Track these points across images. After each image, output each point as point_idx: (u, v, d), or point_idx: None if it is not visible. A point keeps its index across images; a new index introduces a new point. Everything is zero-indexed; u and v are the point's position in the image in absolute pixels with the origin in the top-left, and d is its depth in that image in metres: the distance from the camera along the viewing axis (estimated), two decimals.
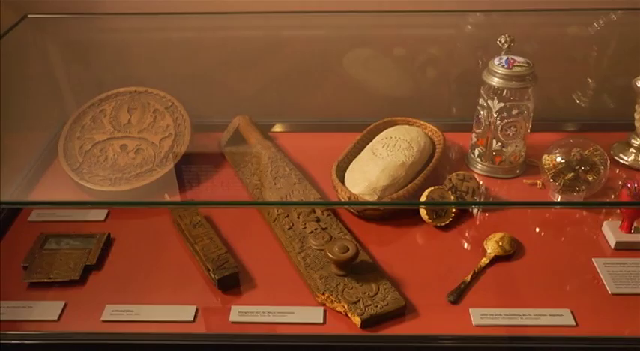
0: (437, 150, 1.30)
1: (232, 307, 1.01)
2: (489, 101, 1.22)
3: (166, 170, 1.23)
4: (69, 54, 1.47)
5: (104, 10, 1.40)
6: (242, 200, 1.24)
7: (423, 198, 1.16)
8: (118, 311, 1.01)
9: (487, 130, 1.25)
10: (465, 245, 1.14)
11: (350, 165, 1.24)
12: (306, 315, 1.00)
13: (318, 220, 1.15)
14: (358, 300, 0.99)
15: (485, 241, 1.12)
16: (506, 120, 1.22)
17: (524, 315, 0.99)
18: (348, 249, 1.02)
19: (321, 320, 0.99)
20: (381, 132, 1.32)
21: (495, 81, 1.19)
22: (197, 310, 1.01)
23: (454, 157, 1.36)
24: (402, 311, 0.99)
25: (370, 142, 1.29)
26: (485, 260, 1.09)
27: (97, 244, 1.13)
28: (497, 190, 1.26)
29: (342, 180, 1.20)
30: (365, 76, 1.50)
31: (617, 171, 1.30)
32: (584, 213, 1.21)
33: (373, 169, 1.18)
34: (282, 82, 1.49)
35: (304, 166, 1.31)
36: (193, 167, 1.29)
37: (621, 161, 1.31)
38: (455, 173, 1.21)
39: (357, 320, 0.97)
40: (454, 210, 1.17)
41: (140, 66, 1.46)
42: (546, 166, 1.19)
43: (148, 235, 1.18)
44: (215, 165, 1.34)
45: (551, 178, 1.19)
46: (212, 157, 1.36)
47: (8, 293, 1.05)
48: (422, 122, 1.36)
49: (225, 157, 1.36)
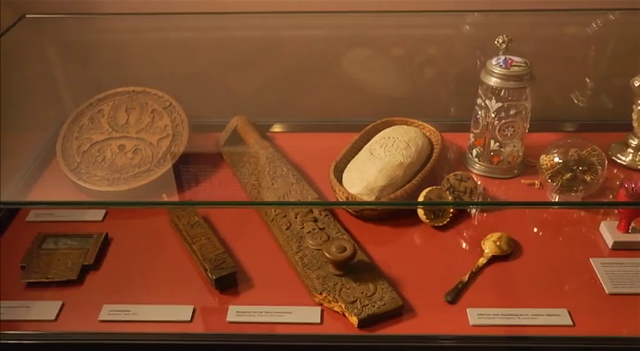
0: (435, 150, 1.30)
1: (230, 307, 1.01)
2: (487, 101, 1.22)
3: (164, 170, 1.23)
4: (67, 54, 1.46)
5: (102, 10, 1.40)
6: (240, 200, 1.24)
7: (421, 198, 1.16)
8: (116, 311, 1.01)
9: (485, 130, 1.25)
10: (463, 245, 1.14)
11: (348, 165, 1.24)
12: (303, 315, 1.00)
13: (315, 220, 1.15)
14: (355, 300, 0.99)
15: (482, 241, 1.12)
16: (504, 120, 1.22)
17: (521, 315, 0.99)
18: (346, 249, 1.02)
19: (319, 320, 0.99)
20: (379, 132, 1.32)
21: (493, 81, 1.19)
22: (194, 310, 1.01)
23: (452, 157, 1.36)
24: (400, 311, 0.99)
25: (368, 142, 1.29)
26: (482, 260, 1.09)
27: (95, 244, 1.13)
28: (495, 190, 1.26)
29: (340, 180, 1.20)
30: (363, 76, 1.50)
31: (615, 171, 1.30)
32: (581, 213, 1.21)
33: (371, 169, 1.18)
34: (280, 82, 1.49)
35: (302, 166, 1.31)
36: (191, 167, 1.29)
37: (619, 161, 1.31)
38: (453, 173, 1.21)
39: (355, 320, 0.97)
40: (452, 210, 1.17)
41: (138, 66, 1.46)
42: (544, 166, 1.19)
43: (146, 235, 1.18)
44: (213, 165, 1.34)
45: (548, 178, 1.19)
46: (210, 157, 1.36)
47: (6, 293, 1.05)
48: (420, 122, 1.36)
49: (223, 157, 1.36)
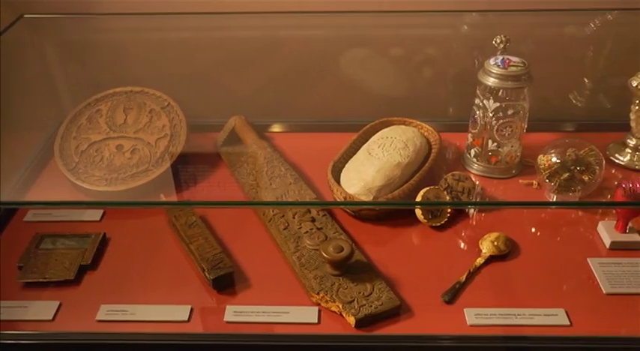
0: (433, 150, 1.30)
1: (227, 307, 1.01)
2: (485, 101, 1.22)
3: (162, 170, 1.23)
4: (65, 54, 1.46)
5: (100, 10, 1.40)
6: (238, 200, 1.24)
7: (419, 198, 1.16)
8: (113, 311, 1.01)
9: (483, 130, 1.25)
10: (461, 245, 1.14)
11: (346, 165, 1.24)
12: (300, 315, 1.00)
13: (313, 220, 1.15)
14: (353, 300, 0.99)
15: (480, 241, 1.12)
16: (502, 120, 1.22)
17: (518, 315, 0.99)
18: (343, 249, 1.02)
19: (316, 320, 0.99)
20: (377, 132, 1.32)
21: (491, 81, 1.19)
22: (192, 310, 1.01)
23: (450, 157, 1.36)
24: (397, 311, 0.99)
25: (366, 142, 1.29)
26: (480, 260, 1.09)
27: (93, 244, 1.13)
28: (493, 190, 1.26)
29: (338, 180, 1.20)
30: (362, 76, 1.50)
31: (613, 171, 1.30)
32: (579, 213, 1.21)
33: (369, 169, 1.18)
34: (278, 82, 1.49)
35: (300, 166, 1.31)
36: (189, 167, 1.29)
37: (617, 161, 1.31)
38: (450, 173, 1.21)
39: (352, 320, 0.97)
40: (449, 210, 1.17)
41: (136, 66, 1.46)
42: (542, 166, 1.19)
43: (144, 235, 1.18)
44: (211, 165, 1.34)
45: (546, 178, 1.19)
46: (208, 157, 1.36)
47: (3, 293, 1.05)
48: (418, 122, 1.36)
49: (221, 157, 1.36)
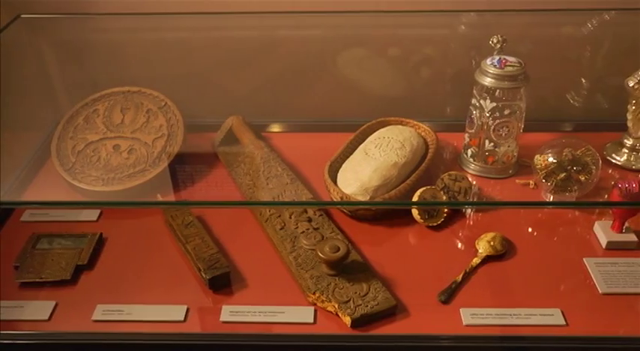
0: (430, 150, 1.30)
1: (223, 307, 1.01)
2: (482, 101, 1.22)
3: (159, 170, 1.23)
4: (62, 54, 1.46)
5: (97, 10, 1.40)
6: (234, 200, 1.24)
7: (415, 198, 1.16)
8: (109, 311, 1.01)
9: (480, 130, 1.25)
10: (457, 245, 1.14)
11: (343, 165, 1.24)
12: (296, 315, 1.00)
13: (310, 220, 1.15)
14: (349, 300, 0.99)
15: (476, 241, 1.12)
16: (498, 120, 1.22)
17: (514, 315, 0.99)
18: (339, 249, 1.02)
19: (312, 320, 0.99)
20: (374, 132, 1.32)
21: (487, 81, 1.19)
22: (188, 310, 1.01)
23: (447, 157, 1.36)
24: (393, 311, 0.99)
25: (363, 142, 1.29)
26: (476, 260, 1.09)
27: (89, 244, 1.13)
28: (489, 190, 1.26)
29: (335, 180, 1.20)
30: (359, 76, 1.50)
31: (610, 171, 1.30)
32: (576, 213, 1.21)
33: (365, 169, 1.18)
34: (276, 82, 1.49)
35: (297, 166, 1.31)
36: (186, 167, 1.29)
37: (614, 161, 1.31)
38: (447, 173, 1.21)
39: (348, 320, 0.97)
40: (446, 210, 1.17)
41: (133, 66, 1.46)
42: (538, 166, 1.19)
43: (140, 235, 1.18)
44: (208, 165, 1.34)
45: (543, 178, 1.19)
46: (205, 157, 1.36)
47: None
48: (415, 122, 1.36)
49: (218, 157, 1.36)
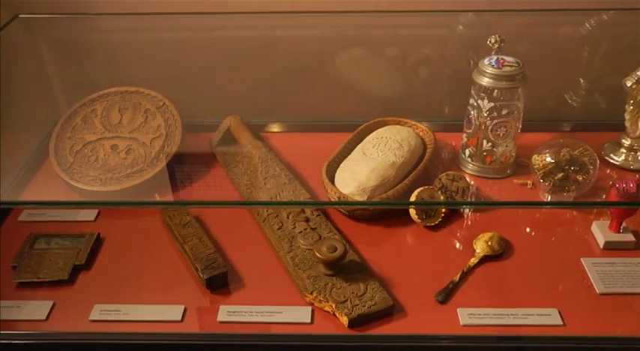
0: (428, 150, 1.30)
1: (221, 307, 1.01)
2: (480, 101, 1.22)
3: (157, 170, 1.23)
4: (60, 54, 1.46)
5: (96, 10, 1.40)
6: (232, 200, 1.24)
7: (413, 198, 1.16)
8: (106, 311, 1.01)
9: (478, 130, 1.25)
10: (454, 245, 1.14)
11: (340, 165, 1.24)
12: (294, 315, 1.00)
13: (307, 220, 1.15)
14: (346, 300, 0.99)
15: (474, 241, 1.12)
16: (496, 120, 1.22)
17: (512, 315, 0.99)
18: (336, 249, 1.02)
19: (309, 320, 0.99)
20: (372, 132, 1.32)
21: (485, 81, 1.19)
22: (185, 310, 1.01)
23: (445, 157, 1.36)
24: (390, 311, 0.99)
25: (361, 142, 1.29)
26: (474, 260, 1.09)
27: (87, 244, 1.13)
28: (487, 190, 1.26)
29: (333, 180, 1.20)
30: (357, 76, 1.50)
31: (607, 171, 1.30)
32: (574, 213, 1.21)
33: (363, 169, 1.18)
34: (274, 82, 1.49)
35: (295, 166, 1.31)
36: (184, 167, 1.29)
37: (612, 161, 1.31)
38: (445, 173, 1.21)
39: (345, 320, 0.97)
40: (444, 210, 1.17)
41: (132, 66, 1.46)
42: (536, 166, 1.19)
43: (138, 235, 1.18)
44: (206, 165, 1.34)
45: (541, 178, 1.19)
46: (203, 157, 1.36)
47: None
48: (413, 122, 1.36)
49: (216, 157, 1.36)
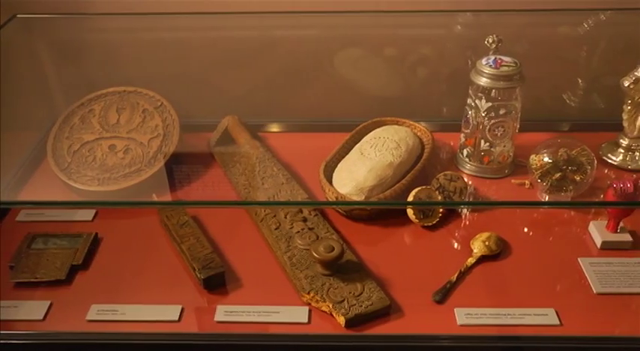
0: (425, 150, 1.30)
1: (218, 307, 1.01)
2: (477, 101, 1.22)
3: (154, 170, 1.23)
4: (58, 54, 1.46)
5: (94, 10, 1.40)
6: (229, 200, 1.24)
7: (410, 198, 1.16)
8: (104, 311, 1.01)
9: (475, 130, 1.25)
10: (452, 245, 1.14)
11: (338, 165, 1.24)
12: (291, 315, 1.00)
13: (305, 220, 1.15)
14: (343, 300, 0.99)
15: (471, 241, 1.12)
16: (494, 120, 1.22)
17: (508, 315, 0.99)
18: (333, 249, 1.02)
19: (306, 320, 0.99)
20: (370, 132, 1.32)
21: (483, 81, 1.19)
22: (182, 310, 1.01)
23: (444, 157, 1.36)
24: (387, 311, 0.99)
25: (359, 142, 1.29)
26: (471, 260, 1.09)
27: (84, 244, 1.13)
28: (485, 190, 1.26)
29: (330, 180, 1.20)
30: (355, 76, 1.50)
31: (605, 171, 1.30)
32: (571, 213, 1.21)
33: (361, 169, 1.18)
34: (272, 82, 1.49)
35: (293, 166, 1.31)
36: (182, 167, 1.29)
37: (610, 161, 1.31)
38: (442, 173, 1.21)
39: (342, 320, 0.97)
40: (441, 210, 1.17)
41: (129, 66, 1.46)
42: (534, 166, 1.19)
43: (136, 235, 1.18)
44: (204, 165, 1.34)
45: (538, 178, 1.19)
46: (201, 157, 1.36)
47: None
48: (411, 122, 1.36)
49: (214, 157, 1.36)
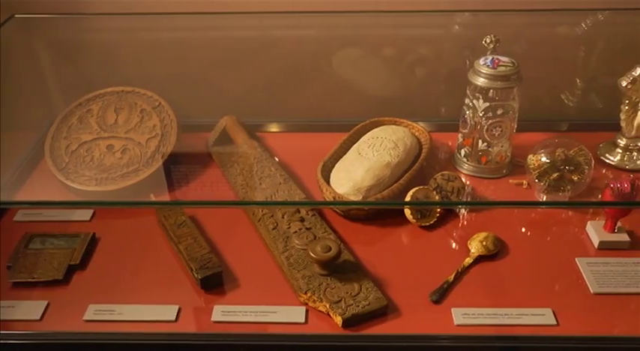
0: (423, 150, 1.30)
1: (215, 307, 1.01)
2: (475, 101, 1.22)
3: (152, 170, 1.23)
4: (56, 54, 1.46)
5: (92, 10, 1.40)
6: (227, 200, 1.24)
7: (408, 198, 1.16)
8: (101, 311, 1.01)
9: (473, 130, 1.25)
10: (449, 245, 1.14)
11: (336, 165, 1.24)
12: (288, 315, 1.00)
13: (302, 220, 1.15)
14: (340, 300, 0.99)
15: (469, 241, 1.12)
16: (491, 120, 1.22)
17: (505, 314, 0.99)
18: (330, 249, 1.02)
19: (303, 320, 0.99)
20: (368, 132, 1.32)
21: (481, 81, 1.19)
22: (180, 310, 1.01)
23: (441, 157, 1.36)
24: (384, 311, 0.99)
25: (357, 142, 1.29)
26: (468, 260, 1.09)
27: (82, 244, 1.13)
28: (483, 190, 1.26)
29: (328, 180, 1.21)
30: (354, 76, 1.50)
31: (603, 171, 1.30)
32: (569, 213, 1.21)
33: (358, 169, 1.18)
34: (270, 82, 1.49)
35: (291, 166, 1.31)
36: (180, 167, 1.29)
37: (608, 161, 1.31)
38: (440, 173, 1.21)
39: (339, 320, 0.97)
40: (439, 210, 1.17)
41: (128, 66, 1.46)
42: (531, 166, 1.19)
43: (133, 235, 1.18)
44: (202, 165, 1.34)
45: (536, 178, 1.19)
46: (199, 157, 1.36)
47: None
48: (409, 122, 1.36)
49: (212, 157, 1.36)
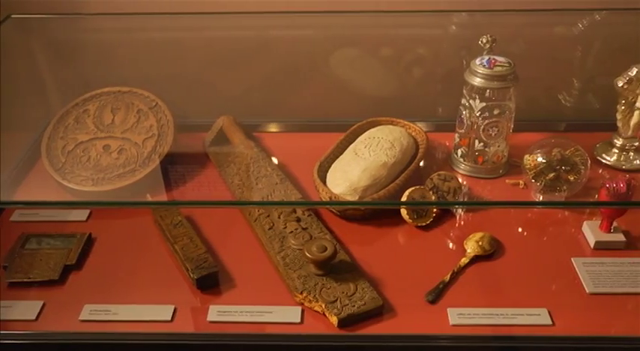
0: (420, 150, 1.30)
1: (211, 307, 1.01)
2: (471, 101, 1.22)
3: (149, 170, 1.23)
4: (53, 54, 1.47)
5: (88, 10, 1.40)
6: (223, 200, 1.24)
7: (404, 198, 1.16)
8: (96, 311, 1.01)
9: (470, 130, 1.25)
10: (445, 245, 1.14)
11: (332, 165, 1.24)
12: (283, 315, 1.00)
13: (298, 220, 1.15)
14: (336, 299, 0.99)
15: (465, 241, 1.12)
16: (488, 120, 1.22)
17: (501, 314, 0.99)
18: (326, 249, 1.02)
19: (299, 320, 0.99)
20: (365, 132, 1.32)
21: (477, 81, 1.19)
22: (175, 310, 1.01)
23: (438, 157, 1.36)
24: (380, 311, 0.99)
25: (353, 142, 1.29)
26: (464, 260, 1.09)
27: (78, 244, 1.13)
28: (479, 190, 1.26)
29: (324, 180, 1.21)
30: (351, 76, 1.50)
31: (600, 171, 1.30)
32: (565, 213, 1.21)
33: (354, 169, 1.19)
34: (267, 82, 1.49)
35: (288, 166, 1.31)
36: (177, 167, 1.29)
37: (604, 161, 1.31)
38: (436, 173, 1.21)
39: (334, 320, 0.97)
40: (435, 210, 1.17)
41: (124, 66, 1.46)
42: (528, 166, 1.19)
43: (130, 235, 1.18)
44: (199, 165, 1.34)
45: (532, 178, 1.19)
46: (196, 157, 1.36)
47: None
48: (405, 122, 1.36)
49: (209, 157, 1.36)
